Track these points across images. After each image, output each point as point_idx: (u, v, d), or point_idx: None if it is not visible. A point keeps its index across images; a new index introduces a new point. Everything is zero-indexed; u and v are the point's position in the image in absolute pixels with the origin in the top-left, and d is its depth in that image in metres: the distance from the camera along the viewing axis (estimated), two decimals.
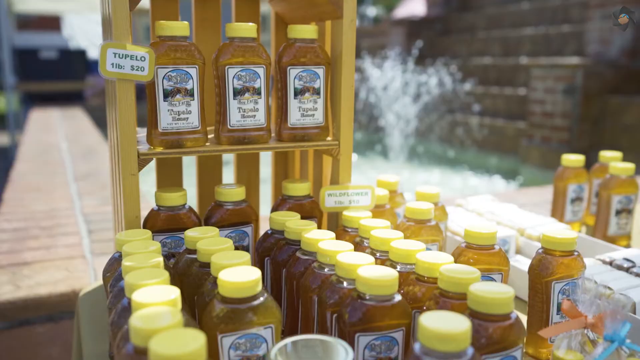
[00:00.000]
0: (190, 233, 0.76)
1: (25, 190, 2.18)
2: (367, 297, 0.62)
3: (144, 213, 0.84)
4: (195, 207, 1.06)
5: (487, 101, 5.02)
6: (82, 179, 2.40)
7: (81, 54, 7.62)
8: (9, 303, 1.15)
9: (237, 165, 1.06)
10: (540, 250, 0.80)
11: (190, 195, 0.90)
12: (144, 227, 0.85)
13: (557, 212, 1.31)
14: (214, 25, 1.02)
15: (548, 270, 0.77)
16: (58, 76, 7.05)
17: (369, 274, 0.62)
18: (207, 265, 0.70)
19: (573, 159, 1.30)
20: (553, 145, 4.05)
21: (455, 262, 0.83)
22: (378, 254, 0.78)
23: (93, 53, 8.02)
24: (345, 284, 0.67)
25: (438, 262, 0.69)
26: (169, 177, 0.99)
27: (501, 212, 1.24)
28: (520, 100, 4.66)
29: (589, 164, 1.41)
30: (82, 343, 0.84)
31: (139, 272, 0.62)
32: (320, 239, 0.75)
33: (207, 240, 0.73)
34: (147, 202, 1.57)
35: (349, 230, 0.89)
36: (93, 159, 2.97)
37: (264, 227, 0.93)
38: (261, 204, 1.14)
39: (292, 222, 0.81)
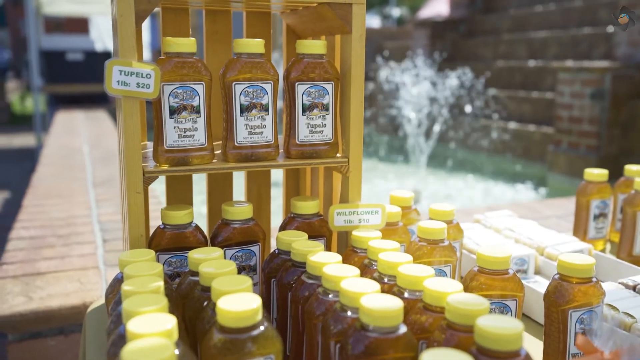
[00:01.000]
0: (194, 255, 0.74)
1: (45, 197, 2.20)
2: (371, 328, 0.59)
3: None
4: (206, 224, 1.05)
5: (513, 105, 4.94)
6: (100, 185, 2.42)
7: (107, 55, 7.72)
8: (19, 315, 1.15)
9: (247, 181, 1.05)
10: (556, 276, 0.77)
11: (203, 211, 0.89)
12: (150, 245, 0.84)
13: (580, 228, 1.27)
14: (224, 39, 1.01)
15: (564, 298, 0.74)
16: (84, 78, 7.15)
17: (373, 304, 0.59)
18: (209, 289, 0.68)
19: (596, 173, 1.25)
20: (581, 152, 3.95)
21: (467, 286, 0.80)
22: (386, 279, 0.75)
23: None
24: (349, 312, 0.64)
25: (446, 290, 0.66)
26: (179, 194, 0.98)
27: (520, 228, 1.20)
28: (546, 105, 4.57)
29: (618, 170, 1.36)
30: None
31: (138, 297, 0.60)
32: (325, 263, 0.73)
33: (209, 263, 0.71)
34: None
35: (358, 251, 0.86)
36: (113, 163, 2.99)
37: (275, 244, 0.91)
38: (275, 219, 1.13)
39: (298, 243, 0.79)
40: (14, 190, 4.20)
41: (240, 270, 0.87)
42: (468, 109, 5.06)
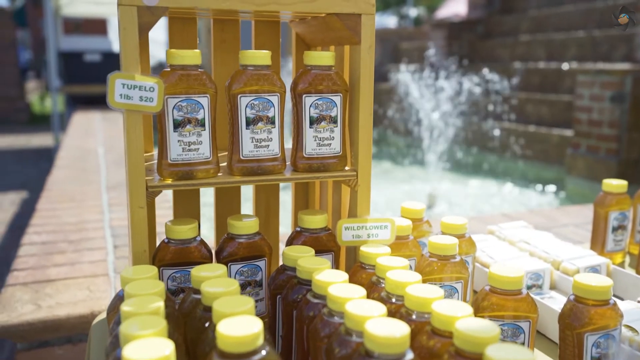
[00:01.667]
0: (196, 272, 0.72)
1: (59, 200, 2.21)
2: (376, 355, 0.57)
3: None
4: (213, 238, 1.04)
5: (530, 107, 4.87)
6: (113, 188, 2.42)
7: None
8: (27, 324, 1.15)
9: (255, 193, 1.03)
10: (571, 297, 0.74)
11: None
12: (154, 260, 0.83)
13: (598, 240, 1.23)
14: (233, 48, 0.99)
15: (580, 320, 0.71)
16: (101, 79, 7.18)
17: (378, 330, 0.57)
18: (210, 309, 0.66)
19: (615, 184, 1.21)
20: (600, 156, 3.88)
21: (479, 306, 0.77)
22: (394, 299, 0.73)
23: None
24: (354, 336, 0.62)
25: (455, 314, 0.63)
26: (186, 207, 0.96)
27: (535, 241, 1.17)
28: (565, 107, 4.49)
29: (639, 174, 1.31)
30: None
31: (136, 319, 0.59)
32: (331, 282, 0.70)
33: (212, 282, 0.69)
34: None
35: (367, 267, 0.84)
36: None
37: None
38: (284, 225, 1.11)
39: (304, 260, 0.77)
40: (32, 190, 4.24)
41: (246, 285, 0.85)
42: (484, 110, 5.00)
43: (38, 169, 5.18)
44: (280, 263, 0.85)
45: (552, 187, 4.10)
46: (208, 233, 1.68)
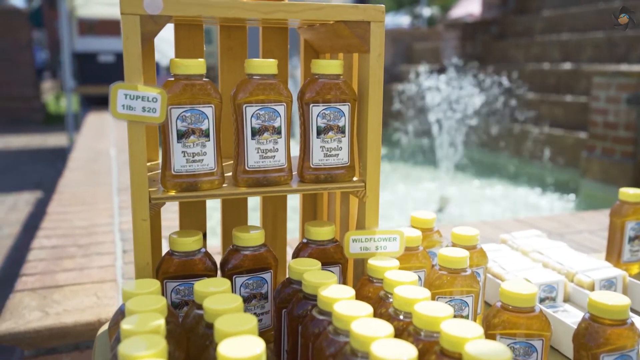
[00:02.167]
0: (199, 287, 0.71)
1: (70, 203, 2.21)
2: None
3: None
4: (220, 249, 1.02)
5: (544, 109, 4.81)
6: (125, 190, 2.42)
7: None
8: (34, 332, 1.14)
9: (262, 203, 1.01)
10: (586, 316, 0.71)
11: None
12: (158, 271, 0.81)
13: (614, 250, 1.20)
14: (240, 55, 0.98)
15: (596, 341, 0.68)
16: (115, 80, 7.19)
17: (384, 353, 0.55)
18: (213, 326, 0.65)
19: (632, 193, 1.18)
20: (616, 158, 3.82)
21: (490, 323, 0.75)
22: (401, 316, 0.71)
23: None
24: (360, 356, 0.60)
25: (465, 336, 0.61)
26: (192, 217, 0.95)
27: (549, 251, 1.14)
28: (580, 109, 4.43)
29: None
30: None
31: (135, 339, 0.58)
32: (337, 299, 0.69)
33: (215, 298, 0.68)
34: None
35: (374, 280, 0.82)
36: None
37: None
38: (292, 233, 1.09)
39: (310, 274, 0.76)
40: (47, 190, 4.27)
41: (251, 298, 0.83)
42: (497, 112, 4.95)
43: (53, 168, 5.21)
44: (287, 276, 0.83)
45: (566, 190, 4.04)
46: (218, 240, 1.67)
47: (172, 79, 0.76)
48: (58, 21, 6.92)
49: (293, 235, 1.32)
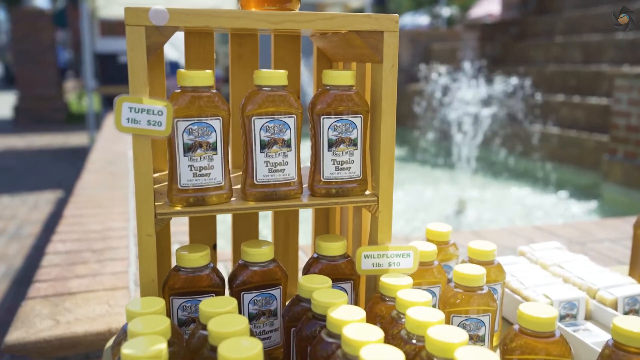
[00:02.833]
0: (205, 307, 0.69)
1: (86, 206, 2.21)
2: None
3: None
4: (230, 264, 1.00)
5: (565, 111, 4.72)
6: None
7: None
8: (45, 342, 1.13)
9: (274, 215, 0.99)
10: (610, 342, 0.67)
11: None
12: (164, 287, 0.79)
13: (637, 266, 1.15)
14: (250, 63, 0.96)
15: None
16: None
17: None
18: (217, 349, 0.63)
19: None
20: (638, 162, 3.73)
21: (507, 348, 0.72)
22: (414, 339, 0.68)
23: (170, 55, 8.22)
24: None
25: None
26: (202, 231, 0.93)
27: (570, 265, 1.10)
28: (601, 111, 4.34)
29: None
30: None
31: None
32: (347, 321, 0.66)
33: (220, 320, 0.65)
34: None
35: (387, 299, 0.79)
36: None
37: None
38: (307, 244, 1.07)
39: (320, 293, 0.73)
40: (68, 189, 4.31)
41: (260, 315, 0.81)
42: (517, 114, 4.88)
43: (74, 168, 5.25)
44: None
45: (587, 194, 3.96)
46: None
47: (179, 90, 0.74)
48: (80, 22, 6.99)
49: (307, 242, 1.29)
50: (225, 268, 1.44)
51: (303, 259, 1.32)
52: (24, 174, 5.20)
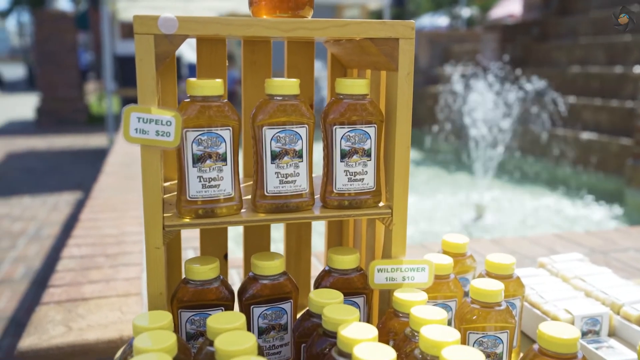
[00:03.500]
0: (212, 323, 0.67)
1: (102, 210, 2.22)
2: None
3: None
4: (241, 275, 0.98)
5: (588, 114, 4.63)
6: None
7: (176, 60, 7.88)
8: (57, 349, 1.13)
9: (286, 229, 0.97)
10: None
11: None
12: (172, 300, 0.78)
13: None
14: (263, 69, 0.94)
15: None
16: None
17: None
18: None
19: None
20: None
21: None
22: (428, 358, 0.66)
23: (188, 56, 8.26)
24: None
25: None
26: (212, 243, 0.91)
27: (592, 278, 1.06)
28: (626, 114, 4.25)
29: None
30: None
31: None
32: (358, 340, 0.64)
33: (227, 336, 0.63)
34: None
35: (400, 315, 0.77)
36: None
37: None
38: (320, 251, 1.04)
39: (331, 309, 0.71)
40: (87, 190, 4.35)
41: (270, 329, 0.79)
42: (538, 116, 4.80)
43: (94, 169, 5.31)
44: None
45: (610, 199, 3.88)
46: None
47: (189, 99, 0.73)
48: (101, 24, 7.07)
49: (322, 249, 1.27)
50: (238, 275, 1.43)
51: (318, 267, 1.30)
52: (45, 175, 5.27)
